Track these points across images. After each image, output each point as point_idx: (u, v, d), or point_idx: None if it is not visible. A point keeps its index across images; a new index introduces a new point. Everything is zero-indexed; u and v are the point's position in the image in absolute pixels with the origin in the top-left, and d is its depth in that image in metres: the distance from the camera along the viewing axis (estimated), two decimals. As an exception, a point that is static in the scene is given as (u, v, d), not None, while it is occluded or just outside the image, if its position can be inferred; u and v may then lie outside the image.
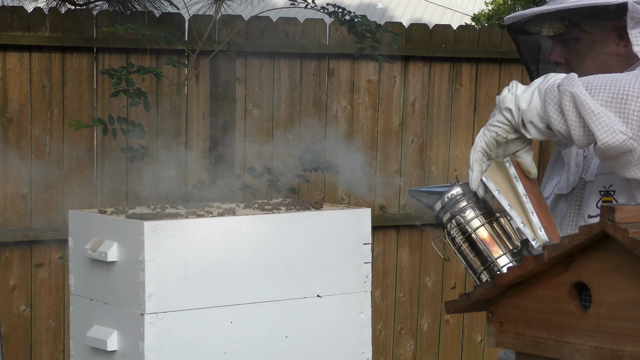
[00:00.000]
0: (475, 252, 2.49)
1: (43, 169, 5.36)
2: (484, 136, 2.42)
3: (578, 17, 2.65)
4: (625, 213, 1.65)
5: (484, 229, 2.48)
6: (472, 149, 2.41)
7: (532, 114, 2.38)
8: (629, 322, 1.66)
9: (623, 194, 2.65)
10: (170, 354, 2.45)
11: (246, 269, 2.54)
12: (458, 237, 2.50)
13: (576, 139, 2.36)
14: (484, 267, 2.47)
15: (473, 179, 2.42)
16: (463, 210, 2.48)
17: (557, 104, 2.36)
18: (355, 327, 2.68)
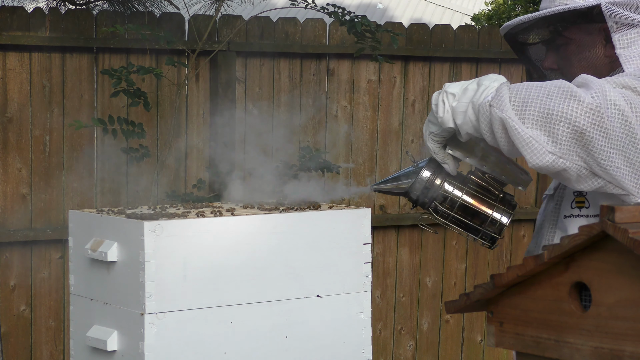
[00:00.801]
0: (470, 215, 2.65)
1: (43, 169, 5.36)
2: (432, 141, 2.59)
3: (561, 23, 2.70)
4: (625, 213, 1.65)
5: (470, 193, 2.65)
6: (431, 150, 2.59)
7: (467, 127, 2.50)
8: (629, 322, 1.66)
9: (592, 195, 2.73)
10: (170, 354, 2.45)
11: (246, 269, 2.54)
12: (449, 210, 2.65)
13: (508, 154, 2.50)
14: (485, 224, 2.66)
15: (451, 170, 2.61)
16: (442, 185, 2.65)
17: (488, 124, 2.46)
18: (355, 327, 2.68)
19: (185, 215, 2.55)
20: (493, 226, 2.68)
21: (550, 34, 2.74)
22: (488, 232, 2.68)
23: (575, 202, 2.77)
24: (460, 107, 2.50)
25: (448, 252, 6.34)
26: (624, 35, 2.66)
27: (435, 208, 2.66)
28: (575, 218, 2.77)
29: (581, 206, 2.76)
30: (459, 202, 2.66)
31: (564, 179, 2.50)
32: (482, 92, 2.48)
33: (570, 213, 2.77)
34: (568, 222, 2.78)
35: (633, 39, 2.67)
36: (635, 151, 2.47)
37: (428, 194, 2.65)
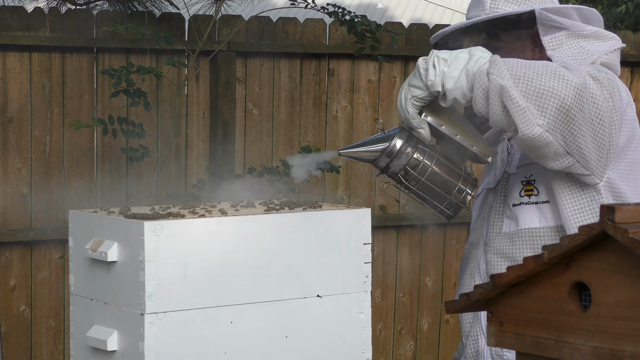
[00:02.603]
0: (438, 184, 2.70)
1: (43, 169, 5.36)
2: (413, 105, 2.64)
3: (493, 29, 2.90)
4: (625, 213, 1.65)
5: (439, 162, 2.70)
6: (409, 115, 2.64)
7: (457, 92, 2.59)
8: (629, 322, 1.66)
9: (542, 182, 2.90)
10: (170, 354, 2.45)
11: (246, 269, 2.54)
12: (419, 176, 2.69)
13: (493, 123, 2.59)
14: (452, 193, 2.71)
15: (426, 136, 2.67)
16: (414, 152, 2.68)
17: (484, 91, 2.56)
18: (355, 327, 2.68)
19: (185, 215, 2.55)
20: (459, 195, 2.71)
21: (484, 39, 2.93)
22: (454, 201, 2.71)
23: (523, 190, 2.93)
24: (451, 72, 2.59)
25: (448, 252, 6.34)
26: (553, 38, 2.89)
27: (405, 175, 2.68)
28: (525, 205, 2.92)
29: (530, 194, 2.93)
30: (430, 169, 2.69)
31: (540, 155, 2.65)
32: (476, 61, 2.59)
33: (520, 201, 2.93)
34: (518, 209, 2.93)
35: (561, 41, 2.89)
36: (603, 134, 2.68)
37: (398, 161, 2.67)
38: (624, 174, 2.84)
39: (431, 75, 2.60)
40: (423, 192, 2.71)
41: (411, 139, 2.69)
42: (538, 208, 2.90)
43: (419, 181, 2.70)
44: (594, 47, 2.89)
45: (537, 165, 2.87)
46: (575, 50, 2.88)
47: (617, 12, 8.64)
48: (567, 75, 2.58)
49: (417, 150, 2.69)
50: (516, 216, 2.92)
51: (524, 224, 2.91)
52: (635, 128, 2.87)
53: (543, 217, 2.89)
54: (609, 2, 8.89)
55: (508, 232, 2.94)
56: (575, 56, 2.86)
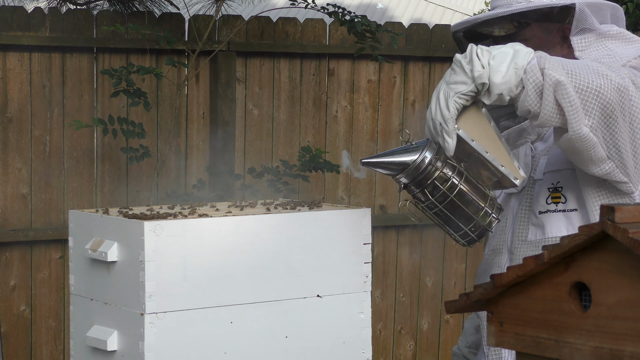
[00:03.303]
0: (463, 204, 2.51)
1: (43, 169, 5.36)
2: (455, 104, 2.47)
3: (526, 18, 2.79)
4: (625, 213, 1.65)
5: (468, 180, 2.52)
6: (447, 116, 2.47)
7: (504, 87, 2.46)
8: (629, 322, 1.66)
9: (570, 189, 2.80)
10: (170, 354, 2.45)
11: (246, 269, 2.53)
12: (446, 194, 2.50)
13: (544, 120, 2.47)
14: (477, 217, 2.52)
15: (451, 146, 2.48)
16: (443, 167, 2.50)
17: (537, 86, 2.46)
18: (355, 327, 2.68)
19: (185, 215, 2.55)
20: (485, 218, 2.54)
21: (515, 28, 2.81)
22: (481, 224, 2.53)
23: (550, 197, 2.83)
24: (498, 66, 2.46)
25: (448, 252, 6.34)
26: (582, 39, 2.79)
27: (431, 192, 2.51)
28: (552, 213, 2.82)
29: (557, 201, 2.83)
30: (459, 188, 2.50)
31: (584, 159, 2.56)
32: (523, 55, 2.48)
33: (546, 209, 2.83)
34: (545, 217, 2.83)
35: (589, 42, 2.80)
36: (638, 138, 2.60)
37: (427, 176, 2.50)
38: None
39: (477, 67, 2.46)
40: (449, 212, 2.52)
41: (440, 153, 2.51)
42: (565, 216, 2.80)
43: (445, 199, 2.51)
44: (622, 50, 2.79)
45: (564, 172, 2.79)
46: (604, 52, 2.79)
47: (617, 12, 8.66)
48: (610, 75, 2.51)
49: (446, 165, 2.50)
50: (542, 224, 2.83)
51: (551, 232, 2.81)
52: None
53: (571, 226, 2.79)
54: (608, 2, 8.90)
55: (534, 240, 2.84)
56: (604, 59, 2.77)
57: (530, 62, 2.46)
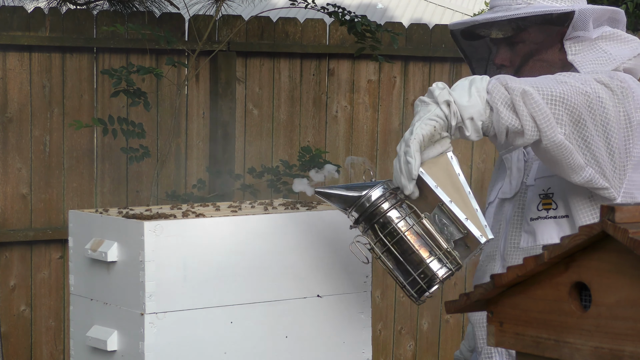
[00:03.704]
0: (407, 254, 2.32)
1: (43, 169, 5.36)
2: (422, 129, 2.33)
3: (527, 23, 2.76)
4: (625, 213, 1.65)
5: (415, 231, 2.33)
6: (411, 138, 2.32)
7: (473, 110, 2.38)
8: (629, 322, 1.66)
9: (560, 196, 2.76)
10: (170, 354, 2.45)
11: (246, 269, 2.54)
12: (389, 239, 2.33)
13: (528, 133, 2.41)
14: (419, 270, 2.32)
15: (414, 167, 2.31)
16: (392, 208, 2.34)
17: (506, 102, 2.40)
18: (355, 327, 2.68)
19: (185, 215, 2.55)
20: (425, 276, 2.33)
21: (513, 31, 2.79)
22: (418, 280, 2.33)
23: (541, 204, 2.80)
24: (460, 93, 2.40)
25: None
26: (575, 42, 2.78)
27: (374, 235, 2.35)
28: (543, 220, 2.80)
29: (548, 208, 2.80)
30: (400, 236, 2.32)
31: (564, 168, 2.52)
32: (480, 80, 2.44)
33: (537, 215, 2.80)
34: (536, 224, 2.81)
35: (583, 46, 2.78)
36: (615, 141, 2.56)
37: (370, 215, 2.34)
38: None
39: (437, 91, 2.39)
40: (390, 260, 2.35)
41: (395, 195, 2.35)
42: (557, 223, 2.78)
43: (385, 245, 2.34)
44: (617, 52, 2.78)
45: (555, 178, 2.76)
46: (598, 54, 2.77)
47: (617, 12, 8.65)
48: (571, 82, 2.50)
49: (395, 207, 2.33)
50: (534, 230, 2.81)
51: (542, 239, 2.79)
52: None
53: (562, 232, 2.77)
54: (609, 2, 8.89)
55: (526, 247, 2.83)
56: (598, 61, 2.76)
57: (489, 82, 2.43)
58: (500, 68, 2.84)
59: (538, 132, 2.43)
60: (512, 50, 2.82)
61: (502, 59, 2.83)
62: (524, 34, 2.79)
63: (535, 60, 2.80)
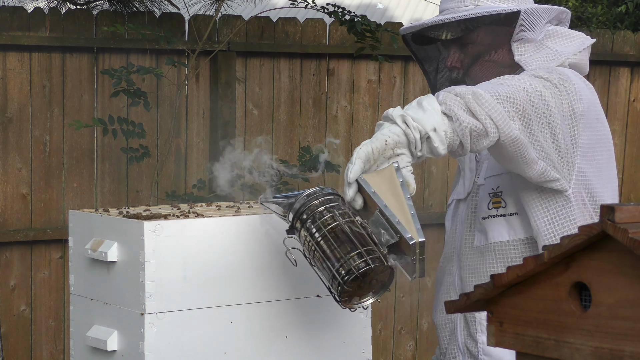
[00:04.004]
0: (332, 247, 2.29)
1: (43, 169, 5.36)
2: (372, 142, 2.32)
3: (476, 24, 2.81)
4: (625, 213, 1.65)
5: (348, 226, 2.30)
6: (357, 148, 2.31)
7: (433, 120, 2.36)
8: (629, 322, 1.66)
9: (509, 193, 2.82)
10: (170, 354, 2.45)
11: (246, 269, 2.53)
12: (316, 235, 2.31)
13: (490, 132, 2.43)
14: (339, 264, 2.26)
15: (353, 171, 2.28)
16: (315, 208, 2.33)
17: (461, 106, 2.41)
18: (355, 327, 2.68)
19: (185, 215, 2.55)
20: (343, 270, 2.27)
21: (462, 32, 2.83)
22: (336, 275, 2.28)
23: (491, 202, 2.85)
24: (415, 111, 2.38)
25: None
26: (522, 43, 2.83)
27: (306, 231, 2.33)
28: (493, 219, 2.85)
29: (498, 206, 2.85)
30: (322, 233, 2.30)
31: (519, 163, 2.57)
32: (426, 96, 2.43)
33: (488, 214, 2.85)
34: (487, 223, 2.86)
35: (529, 46, 2.83)
36: (559, 132, 2.61)
37: (303, 213, 2.34)
38: (598, 176, 2.79)
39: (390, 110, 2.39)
40: (317, 261, 2.32)
41: (334, 200, 2.33)
42: (507, 220, 2.83)
43: (305, 245, 2.34)
44: (563, 48, 2.84)
45: (503, 177, 2.82)
46: (544, 52, 2.83)
47: (617, 12, 8.65)
48: (509, 82, 2.55)
49: (325, 207, 2.32)
50: (485, 229, 2.86)
51: (493, 237, 2.84)
52: (601, 128, 2.80)
53: (512, 230, 2.82)
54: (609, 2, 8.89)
55: (479, 246, 2.88)
56: (544, 59, 2.81)
57: (437, 96, 2.44)
58: (452, 70, 2.89)
59: (497, 130, 2.45)
60: (462, 52, 2.86)
61: (452, 61, 2.87)
62: (473, 35, 2.83)
63: (484, 60, 2.84)
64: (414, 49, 2.96)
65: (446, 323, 2.97)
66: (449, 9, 2.86)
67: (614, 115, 6.87)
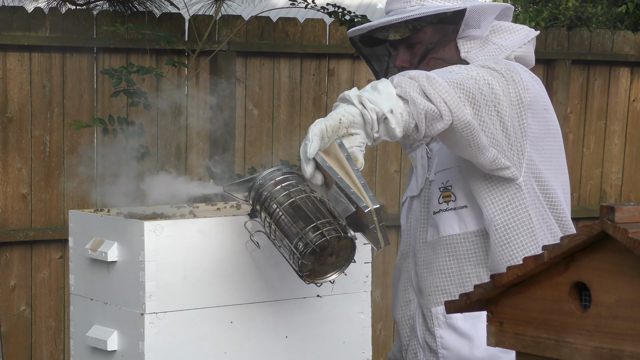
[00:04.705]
0: (289, 224, 2.30)
1: (43, 169, 5.36)
2: (326, 120, 2.32)
3: (422, 23, 2.84)
4: (625, 213, 1.65)
5: (305, 201, 2.31)
6: (312, 126, 2.31)
7: (389, 102, 2.37)
8: (629, 322, 1.66)
9: (458, 187, 2.85)
10: (170, 354, 2.45)
11: (246, 269, 2.53)
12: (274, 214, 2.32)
13: (445, 115, 2.45)
14: (302, 233, 2.26)
15: (312, 147, 2.28)
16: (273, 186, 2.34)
17: (415, 88, 2.42)
18: (355, 327, 2.68)
19: (185, 215, 2.55)
20: (302, 244, 2.27)
21: (410, 32, 2.85)
22: (294, 250, 2.28)
23: (442, 197, 2.88)
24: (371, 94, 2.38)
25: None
26: (467, 40, 2.87)
27: (263, 211, 2.35)
28: (443, 212, 2.88)
29: (448, 200, 2.88)
30: (277, 209, 2.31)
31: (472, 150, 2.59)
32: (380, 80, 2.44)
33: (439, 208, 2.88)
34: (438, 217, 2.89)
35: (474, 44, 2.87)
36: (507, 119, 2.65)
37: (261, 192, 2.36)
38: (547, 165, 2.82)
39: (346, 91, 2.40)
40: (277, 239, 2.35)
41: (293, 179, 2.35)
42: (457, 214, 2.85)
43: (266, 226, 2.36)
44: (507, 42, 2.87)
45: (453, 170, 2.85)
46: (490, 48, 2.86)
47: (617, 12, 8.65)
48: (458, 70, 2.59)
49: (281, 185, 2.34)
50: (437, 224, 2.88)
51: (444, 231, 2.86)
52: (548, 118, 2.83)
53: (462, 223, 2.85)
54: (609, 2, 8.89)
55: (432, 240, 2.90)
56: (490, 54, 2.85)
57: (392, 79, 2.45)
58: (401, 70, 2.89)
59: (450, 114, 2.46)
60: (411, 51, 2.89)
61: (402, 61, 2.89)
62: (420, 34, 2.86)
63: (432, 58, 2.87)
64: (363, 50, 2.99)
65: (406, 319, 3.00)
66: (395, 10, 2.89)
67: (614, 115, 6.87)
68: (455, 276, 2.86)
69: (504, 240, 2.77)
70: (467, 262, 2.85)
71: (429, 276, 2.89)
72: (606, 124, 6.86)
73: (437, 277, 2.88)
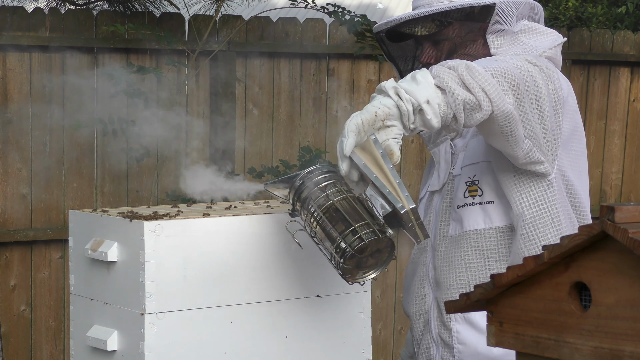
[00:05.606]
0: (329, 226, 2.32)
1: (43, 169, 5.36)
2: (362, 114, 2.32)
3: (450, 19, 2.82)
4: (625, 213, 1.65)
5: (344, 202, 2.33)
6: (347, 121, 2.32)
7: (426, 92, 2.37)
8: (629, 322, 1.66)
9: (486, 182, 2.83)
10: (170, 354, 2.45)
11: (246, 269, 2.54)
12: (314, 215, 2.34)
13: (484, 105, 2.43)
14: (341, 238, 2.29)
15: (348, 144, 2.29)
16: (316, 184, 2.35)
17: (454, 78, 2.41)
18: (355, 327, 2.68)
19: (185, 215, 2.55)
20: (341, 248, 2.30)
21: (437, 27, 2.83)
22: (334, 254, 2.33)
23: (468, 191, 2.86)
24: (409, 85, 2.39)
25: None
26: (498, 37, 2.84)
27: (305, 211, 2.37)
28: (469, 207, 2.86)
29: (474, 194, 2.86)
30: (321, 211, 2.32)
31: (508, 140, 2.57)
32: (420, 70, 2.44)
33: (464, 202, 2.86)
34: (462, 211, 2.87)
35: (505, 40, 2.84)
36: (547, 115, 2.65)
37: (308, 190, 2.36)
38: (572, 165, 2.82)
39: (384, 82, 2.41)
40: (319, 240, 2.36)
41: (332, 177, 2.36)
42: (482, 209, 2.84)
43: (307, 226, 2.38)
44: (538, 43, 2.87)
45: (481, 165, 2.83)
46: (519, 47, 2.85)
47: (617, 12, 8.65)
48: (504, 59, 2.58)
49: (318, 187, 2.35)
50: (461, 218, 2.86)
51: (469, 225, 2.85)
52: (577, 120, 2.84)
53: (488, 218, 2.84)
54: (609, 2, 8.89)
55: (454, 234, 2.88)
56: (519, 53, 2.83)
57: (431, 69, 2.45)
58: (426, 66, 2.87)
59: (490, 104, 2.45)
60: (437, 47, 2.87)
61: (427, 57, 2.88)
62: (448, 30, 2.84)
63: (461, 54, 2.84)
64: (389, 47, 2.97)
65: (420, 314, 2.98)
66: (422, 5, 2.87)
67: (614, 115, 6.87)
68: (477, 270, 2.84)
69: (531, 236, 2.76)
70: (490, 257, 2.83)
71: (449, 270, 2.88)
72: (606, 124, 6.86)
73: (459, 270, 2.86)
